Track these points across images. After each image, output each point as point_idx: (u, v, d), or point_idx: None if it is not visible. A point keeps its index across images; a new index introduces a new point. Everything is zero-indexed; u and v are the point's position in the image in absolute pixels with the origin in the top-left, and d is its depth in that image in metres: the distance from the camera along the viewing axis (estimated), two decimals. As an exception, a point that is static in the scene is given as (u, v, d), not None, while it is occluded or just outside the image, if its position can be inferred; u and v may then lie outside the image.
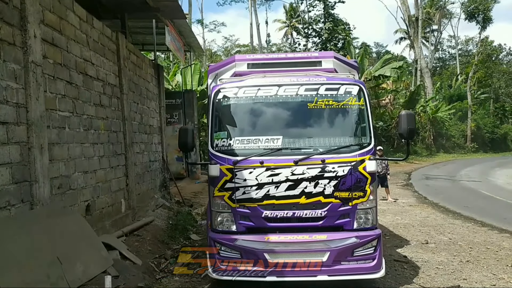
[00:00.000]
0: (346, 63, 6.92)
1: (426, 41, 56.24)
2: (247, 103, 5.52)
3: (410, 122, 5.21)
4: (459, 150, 43.37)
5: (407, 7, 43.57)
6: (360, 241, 5.14)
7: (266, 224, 5.23)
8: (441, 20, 53.60)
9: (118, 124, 8.33)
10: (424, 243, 8.54)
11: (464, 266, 7.01)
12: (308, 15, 38.19)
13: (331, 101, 5.38)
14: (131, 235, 7.70)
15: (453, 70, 58.35)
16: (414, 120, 5.30)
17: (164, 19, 11.12)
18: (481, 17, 43.65)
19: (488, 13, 43.57)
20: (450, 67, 62.30)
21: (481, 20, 43.90)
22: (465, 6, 45.76)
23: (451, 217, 11.81)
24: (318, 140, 5.36)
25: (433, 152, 40.02)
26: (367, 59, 36.51)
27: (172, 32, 13.29)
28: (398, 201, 14.59)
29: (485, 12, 43.33)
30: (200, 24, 46.40)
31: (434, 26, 55.08)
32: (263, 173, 5.16)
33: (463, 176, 23.61)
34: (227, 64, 6.66)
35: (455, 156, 40.24)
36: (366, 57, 34.85)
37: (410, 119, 5.23)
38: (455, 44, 59.82)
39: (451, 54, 65.17)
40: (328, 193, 5.16)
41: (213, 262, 5.25)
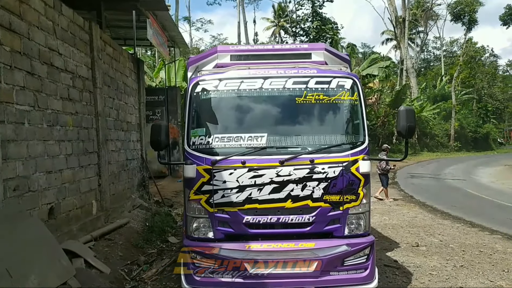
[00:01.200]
0: (338, 56, 6.29)
1: (412, 42, 56.17)
2: (229, 97, 4.85)
3: (410, 118, 4.59)
4: (443, 149, 43.30)
5: (394, 8, 43.31)
6: (352, 249, 4.53)
7: (248, 231, 4.58)
8: (427, 22, 53.58)
9: (90, 120, 7.61)
10: (414, 245, 8.00)
11: (458, 272, 6.48)
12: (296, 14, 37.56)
13: (322, 95, 4.74)
14: (102, 239, 6.99)
15: (438, 71, 58.45)
16: (414, 116, 4.67)
17: (144, 11, 10.39)
18: (466, 19, 43.54)
19: (474, 14, 43.47)
20: (435, 68, 62.45)
21: (466, 22, 43.81)
22: (451, 7, 45.67)
23: (439, 217, 11.34)
24: (306, 138, 4.71)
25: (417, 151, 39.81)
26: (354, 59, 36.05)
27: (154, 26, 12.56)
28: (385, 200, 14.11)
29: (471, 13, 43.24)
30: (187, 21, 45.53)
31: (420, 28, 55.07)
32: (245, 174, 4.51)
33: (447, 174, 23.32)
34: (208, 55, 5.97)
35: (439, 154, 40.13)
36: (353, 56, 34.44)
37: (409, 115, 4.60)
38: (440, 45, 59.93)
39: (436, 55, 65.39)
40: (317, 197, 4.54)
41: (187, 273, 4.60)
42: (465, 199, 14.74)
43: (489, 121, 53.46)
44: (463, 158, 37.42)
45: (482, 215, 11.59)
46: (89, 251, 6.03)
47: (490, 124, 52.58)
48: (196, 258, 4.55)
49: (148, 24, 11.31)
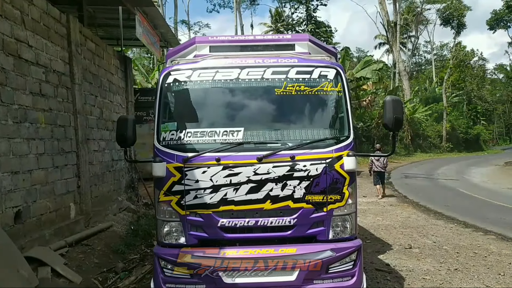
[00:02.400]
0: (323, 48, 5.72)
1: (404, 46, 55.77)
2: (202, 88, 4.31)
3: (397, 109, 4.01)
4: (435, 149, 42.78)
5: (386, 12, 42.86)
6: (337, 254, 3.96)
7: (223, 235, 4.02)
8: (418, 26, 53.23)
9: (67, 118, 7.03)
10: (407, 247, 7.47)
11: (453, 276, 5.94)
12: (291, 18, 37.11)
13: (303, 86, 4.20)
14: (79, 245, 6.41)
15: (429, 74, 58.08)
16: (402, 107, 4.10)
17: (130, 7, 9.81)
18: (455, 23, 43.23)
19: (462, 19, 43.16)
20: (426, 71, 62.09)
21: (455, 26, 43.50)
22: (441, 12, 45.39)
23: (432, 217, 10.81)
24: (287, 132, 4.17)
25: (411, 152, 39.33)
26: (348, 61, 35.56)
27: (144, 24, 11.99)
28: (378, 201, 13.57)
29: (459, 18, 42.92)
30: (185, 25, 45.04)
31: (412, 32, 54.69)
32: (220, 172, 3.96)
33: (440, 174, 22.81)
34: (186, 47, 5.36)
35: (432, 155, 39.62)
36: (347, 59, 33.91)
37: (396, 106, 4.02)
38: (431, 49, 59.60)
39: (427, 59, 65.03)
40: (298, 197, 3.98)
41: (157, 284, 4.02)
42: (458, 199, 14.22)
43: (479, 123, 53.06)
44: (455, 158, 36.92)
45: (475, 215, 11.07)
46: (59, 258, 5.48)
47: (480, 126, 52.18)
48: (166, 266, 3.99)
49: (137, 22, 10.74)
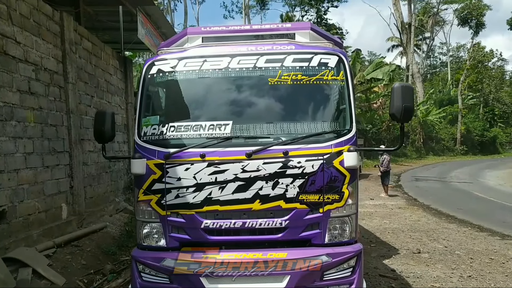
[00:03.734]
0: (327, 37, 5.26)
1: (418, 48, 54.83)
2: (188, 79, 3.94)
3: (406, 97, 3.50)
4: (448, 152, 41.74)
5: (400, 14, 42.13)
6: (333, 260, 3.54)
7: (207, 238, 3.65)
8: (433, 27, 52.19)
9: (59, 117, 6.78)
10: (416, 252, 6.96)
11: (466, 284, 5.45)
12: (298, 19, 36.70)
13: (300, 75, 3.79)
14: (68, 246, 6.12)
15: (444, 76, 56.89)
16: (412, 95, 3.58)
17: (129, 6, 9.56)
18: (474, 22, 42.06)
19: (481, 18, 41.98)
20: (441, 73, 60.86)
21: (474, 25, 42.32)
22: (459, 12, 44.26)
23: (444, 220, 10.24)
24: (280, 126, 3.75)
25: (423, 155, 38.44)
26: (359, 64, 34.98)
27: (147, 26, 11.75)
28: (386, 203, 13.03)
29: (478, 17, 41.77)
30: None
31: (427, 34, 53.69)
32: (204, 169, 3.57)
33: (453, 177, 22.06)
34: (178, 38, 4.97)
35: (445, 158, 38.63)
36: (357, 61, 33.36)
37: (406, 93, 3.51)
38: (447, 50, 58.35)
39: (442, 61, 63.76)
40: (291, 196, 3.57)
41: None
42: (472, 202, 13.58)
43: (496, 125, 51.61)
44: (470, 161, 35.91)
45: (491, 218, 10.47)
46: (43, 259, 5.20)
47: (497, 128, 50.76)
48: (144, 271, 3.65)
49: (139, 23, 10.49)
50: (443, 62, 62.52)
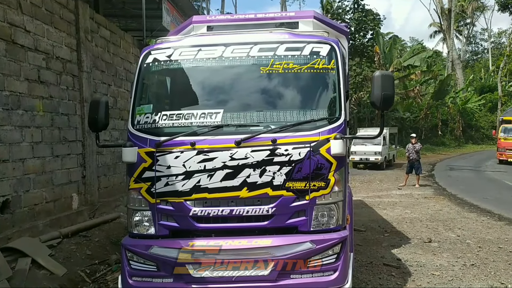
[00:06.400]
0: (331, 25, 5.29)
1: (460, 34, 52.14)
2: (183, 68, 4.07)
3: (386, 86, 3.60)
4: (488, 141, 39.65)
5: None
6: (317, 246, 3.57)
7: (196, 225, 3.72)
8: (474, 12, 49.40)
9: (71, 106, 6.94)
10: (426, 241, 7.03)
11: (466, 272, 5.52)
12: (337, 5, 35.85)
13: (292, 64, 3.86)
14: (76, 236, 6.26)
15: (486, 62, 53.87)
16: (392, 83, 3.69)
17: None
18: (515, 7, 39.42)
19: (522, 2, 39.23)
20: (483, 60, 57.62)
21: (514, 10, 39.67)
22: (499, -4, 41.57)
23: (466, 210, 10.10)
24: (270, 114, 3.85)
25: (462, 143, 36.87)
26: (396, 50, 33.84)
27: (173, 13, 11.92)
28: (413, 193, 12.91)
29: (519, 1, 39.05)
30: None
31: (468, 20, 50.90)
32: (194, 157, 3.66)
33: (488, 166, 21.28)
34: (184, 27, 5.20)
35: (484, 147, 36.82)
36: (394, 47, 32.33)
37: (386, 82, 3.63)
38: (488, 36, 55.12)
39: (484, 47, 60.31)
40: (278, 184, 3.64)
41: (123, 277, 3.78)
42: (501, 191, 13.16)
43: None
44: (511, 150, 34.10)
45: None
46: (45, 249, 5.31)
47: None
48: (132, 258, 3.73)
49: (164, 11, 10.57)
50: (485, 49, 59.12)
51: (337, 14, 34.24)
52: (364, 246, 6.80)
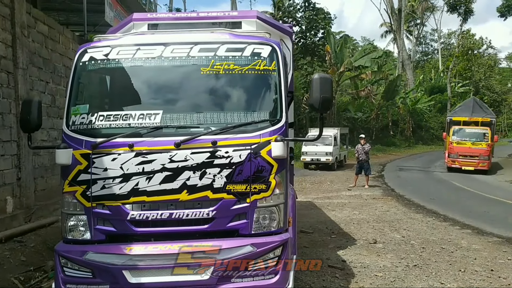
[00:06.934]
0: (275, 26, 5.43)
1: (410, 34, 55.05)
2: (120, 68, 4.03)
3: (325, 88, 3.78)
4: (438, 141, 42.20)
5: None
6: (258, 250, 3.70)
7: (134, 230, 3.72)
8: (424, 13, 52.38)
9: (6, 105, 6.80)
10: (372, 242, 7.29)
11: (409, 273, 5.76)
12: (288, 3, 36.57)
13: (233, 65, 3.93)
14: (10, 241, 6.11)
15: (436, 63, 57.30)
16: (331, 86, 3.87)
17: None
18: (462, 9, 42.33)
19: (470, 4, 42.24)
20: (433, 61, 61.26)
21: (462, 12, 42.59)
22: (448, -3, 44.47)
23: (413, 211, 10.62)
24: (210, 116, 3.90)
25: (412, 144, 38.86)
26: (347, 49, 35.11)
27: (117, 8, 11.75)
28: (362, 194, 13.37)
29: (467, 3, 42.02)
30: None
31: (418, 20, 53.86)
32: (132, 160, 3.68)
33: (437, 167, 22.54)
34: (124, 25, 5.14)
35: (433, 147, 39.10)
36: (345, 46, 33.49)
37: (324, 84, 3.80)
38: (438, 37, 58.69)
39: (434, 48, 64.15)
40: (219, 186, 3.71)
41: (57, 284, 3.75)
42: (447, 192, 14.04)
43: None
44: (458, 150, 36.47)
45: (459, 208, 10.92)
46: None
47: (487, 117, 51.48)
48: (66, 265, 3.71)
49: (106, 5, 10.47)
50: (435, 49, 62.93)
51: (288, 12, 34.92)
52: (311, 248, 6.93)
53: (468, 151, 19.57)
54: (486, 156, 19.49)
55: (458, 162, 19.72)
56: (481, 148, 19.51)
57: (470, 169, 19.26)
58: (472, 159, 19.45)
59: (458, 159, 19.75)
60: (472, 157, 19.47)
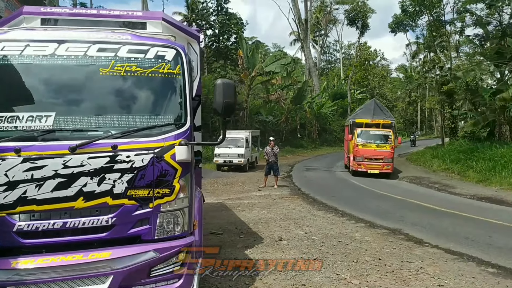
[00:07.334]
0: (182, 29, 5.32)
1: (316, 44, 58.29)
2: (7, 65, 3.67)
3: (228, 93, 3.87)
4: (340, 143, 45.37)
5: (298, 9, 44.26)
6: (161, 255, 3.64)
7: (21, 242, 3.42)
8: (327, 25, 55.86)
9: None
10: (277, 240, 7.60)
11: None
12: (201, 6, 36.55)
13: (135, 66, 3.81)
14: None
15: (338, 71, 61.49)
16: (234, 91, 3.97)
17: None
18: (360, 23, 46.04)
19: (366, 20, 46.10)
20: (335, 69, 65.64)
21: (360, 26, 46.32)
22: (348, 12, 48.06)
23: (316, 208, 11.27)
24: (110, 119, 3.72)
25: (318, 146, 41.19)
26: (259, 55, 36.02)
27: (12, 1, 10.79)
28: (271, 194, 13.85)
29: (364, 19, 45.78)
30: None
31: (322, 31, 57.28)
32: (18, 166, 3.38)
33: (339, 167, 24.14)
34: (12, 18, 4.65)
35: (336, 148, 41.87)
36: (257, 52, 34.33)
37: (227, 89, 3.88)
38: (340, 48, 63.03)
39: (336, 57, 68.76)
40: (119, 192, 3.56)
41: None
42: (347, 190, 15.16)
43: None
44: (357, 151, 39.45)
45: (356, 204, 11.84)
46: None
47: (382, 121, 56.66)
48: None
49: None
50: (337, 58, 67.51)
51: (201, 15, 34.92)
52: (220, 248, 7.01)
53: (373, 153, 19.08)
54: (390, 158, 19.18)
55: (364, 166, 19.13)
56: (385, 150, 19.12)
57: (376, 173, 18.91)
58: (377, 162, 19.06)
59: (364, 162, 19.12)
60: (377, 159, 19.07)
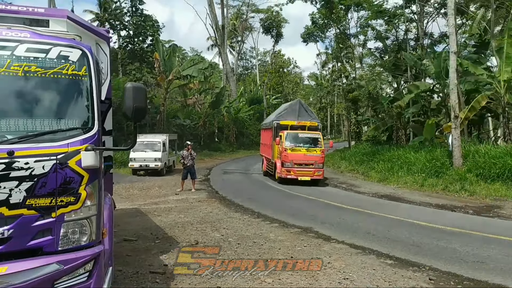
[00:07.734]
0: (89, 29, 4.99)
1: (233, 50, 58.93)
2: None
3: (138, 98, 3.72)
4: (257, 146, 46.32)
5: (215, 15, 44.30)
6: (66, 267, 3.36)
7: None
8: (244, 32, 56.85)
9: None
10: (194, 244, 7.46)
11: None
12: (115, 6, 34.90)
13: (35, 67, 3.52)
14: None
15: (254, 77, 62.84)
16: (144, 96, 3.82)
17: None
18: (274, 32, 47.63)
19: (280, 29, 47.86)
20: (252, 75, 67.02)
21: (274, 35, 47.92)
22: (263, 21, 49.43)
23: (233, 210, 11.30)
24: (6, 122, 3.42)
25: (235, 149, 41.62)
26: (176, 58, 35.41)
27: None
28: (188, 198, 13.62)
29: (278, 28, 47.44)
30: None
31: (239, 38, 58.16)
32: None
33: (255, 169, 24.54)
34: None
35: (253, 152, 42.66)
36: (174, 55, 33.70)
37: (138, 94, 3.73)
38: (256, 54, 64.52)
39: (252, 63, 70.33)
40: (17, 202, 3.25)
41: None
42: (262, 191, 15.44)
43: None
44: (273, 154, 40.57)
45: (271, 205, 12.10)
46: None
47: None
48: None
49: None
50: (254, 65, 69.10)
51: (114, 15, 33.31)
52: (134, 256, 6.69)
53: (303, 158, 16.95)
54: (321, 164, 17.22)
55: (294, 172, 16.93)
56: (316, 155, 17.10)
57: (307, 180, 16.85)
58: (308, 168, 16.99)
59: (293, 168, 16.94)
60: (307, 165, 17.00)
